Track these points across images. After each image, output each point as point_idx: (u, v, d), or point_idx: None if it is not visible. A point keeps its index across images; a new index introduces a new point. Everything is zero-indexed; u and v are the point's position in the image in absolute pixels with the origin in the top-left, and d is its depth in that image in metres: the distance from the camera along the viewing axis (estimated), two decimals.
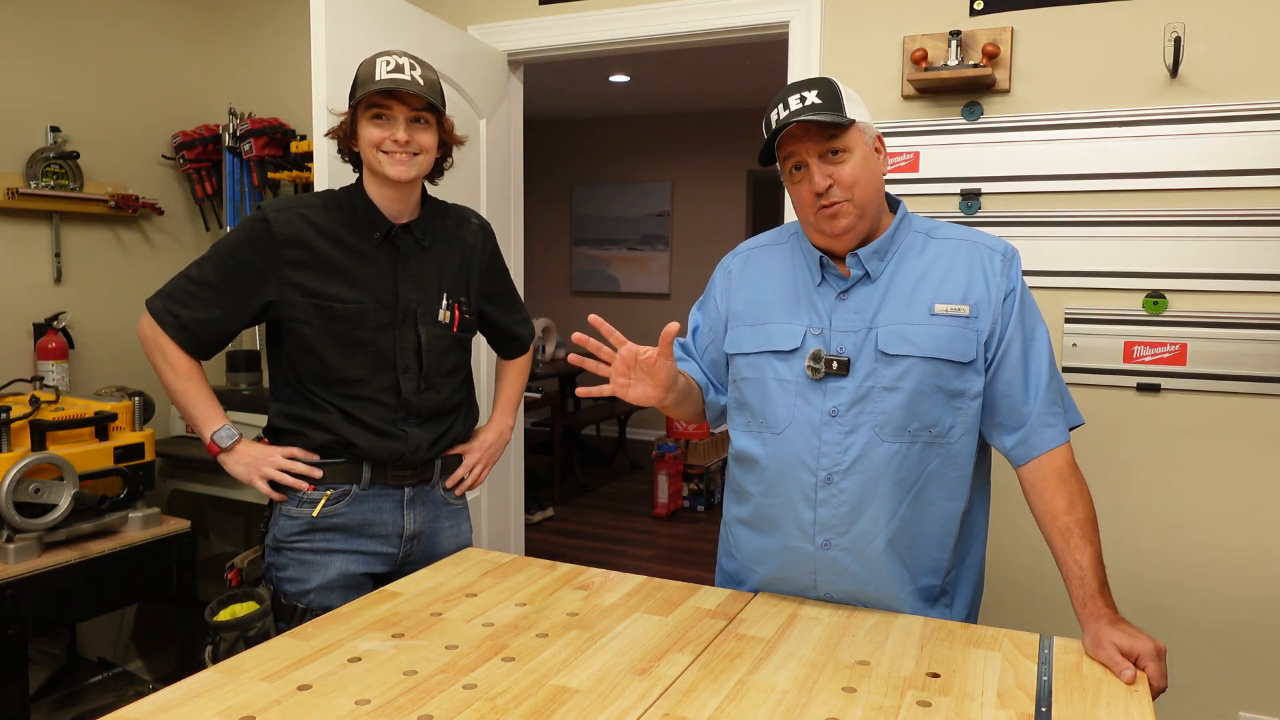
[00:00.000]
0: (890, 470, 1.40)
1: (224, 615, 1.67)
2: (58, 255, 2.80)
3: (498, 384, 2.06)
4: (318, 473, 1.71)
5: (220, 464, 1.74)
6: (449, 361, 1.79)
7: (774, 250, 1.57)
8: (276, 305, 1.69)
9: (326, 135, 1.76)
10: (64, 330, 2.79)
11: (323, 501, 1.71)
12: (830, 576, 1.45)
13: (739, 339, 1.53)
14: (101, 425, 2.22)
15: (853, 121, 1.38)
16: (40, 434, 2.09)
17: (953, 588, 1.50)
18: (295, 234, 1.67)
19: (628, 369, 1.39)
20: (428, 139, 1.69)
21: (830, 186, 1.38)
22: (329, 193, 1.78)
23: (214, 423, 1.73)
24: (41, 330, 2.74)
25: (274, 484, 1.71)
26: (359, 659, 1.23)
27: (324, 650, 1.26)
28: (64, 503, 2.08)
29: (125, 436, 2.27)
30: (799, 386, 1.44)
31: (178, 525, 2.37)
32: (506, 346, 2.03)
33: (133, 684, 2.72)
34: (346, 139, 1.71)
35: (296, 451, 1.72)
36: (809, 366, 1.42)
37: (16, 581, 2.01)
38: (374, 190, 1.72)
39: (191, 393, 1.72)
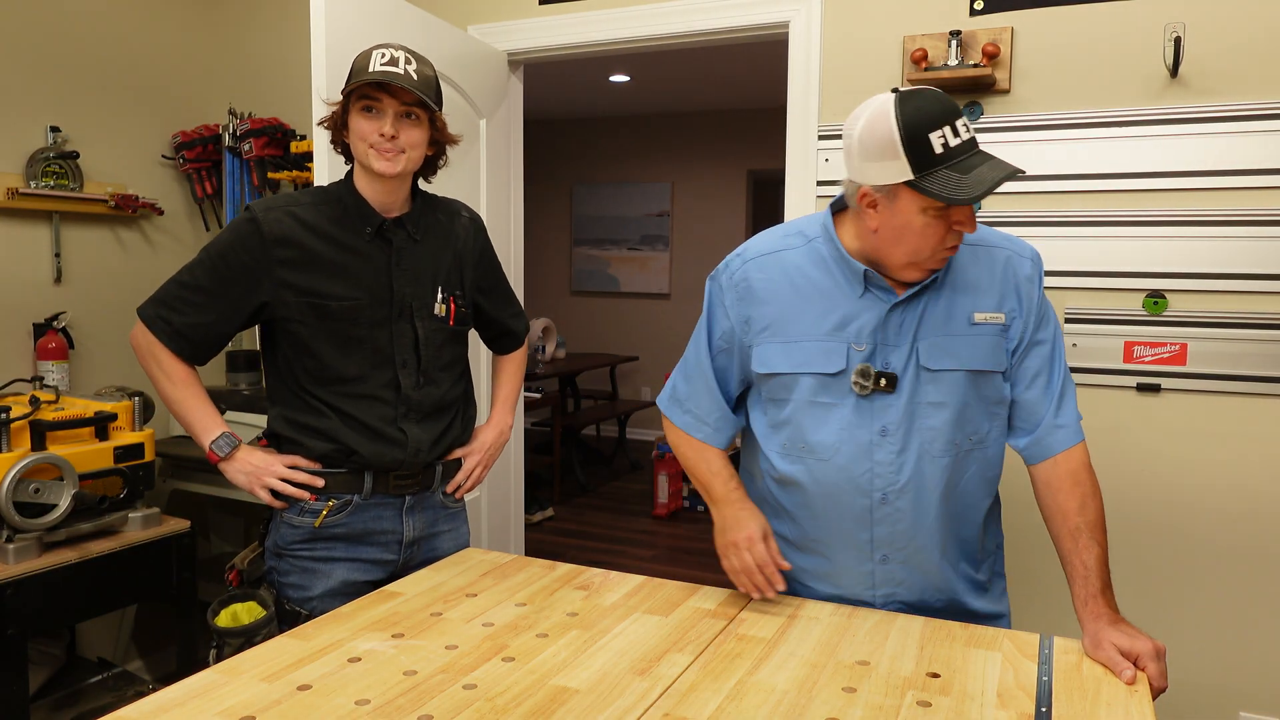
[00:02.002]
0: (941, 482, 1.40)
1: (224, 616, 1.66)
2: (58, 255, 2.80)
3: (494, 381, 2.03)
4: (320, 482, 1.69)
5: (221, 471, 1.72)
6: (447, 355, 1.77)
7: (789, 256, 1.45)
8: (271, 306, 1.66)
9: (319, 124, 1.74)
10: (64, 330, 2.79)
11: (325, 512, 1.69)
12: (889, 589, 1.45)
13: (769, 358, 1.44)
14: (101, 425, 2.22)
15: None
16: (40, 434, 2.09)
17: (991, 576, 1.53)
18: (286, 233, 1.64)
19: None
20: (417, 135, 1.64)
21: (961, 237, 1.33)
22: (317, 189, 1.74)
23: (212, 431, 1.69)
24: (41, 330, 2.74)
25: (276, 492, 1.69)
26: (359, 659, 1.23)
27: (324, 650, 1.26)
28: (64, 503, 2.08)
29: (125, 436, 2.27)
30: (845, 408, 1.39)
31: (178, 525, 2.37)
32: (501, 341, 2.00)
33: (133, 684, 2.72)
34: (338, 129, 1.67)
35: (299, 460, 1.69)
36: (856, 383, 1.37)
37: (16, 581, 2.01)
38: (363, 184, 1.68)
39: (188, 400, 1.69)
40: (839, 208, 1.45)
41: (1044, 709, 1.12)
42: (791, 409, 1.43)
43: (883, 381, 1.36)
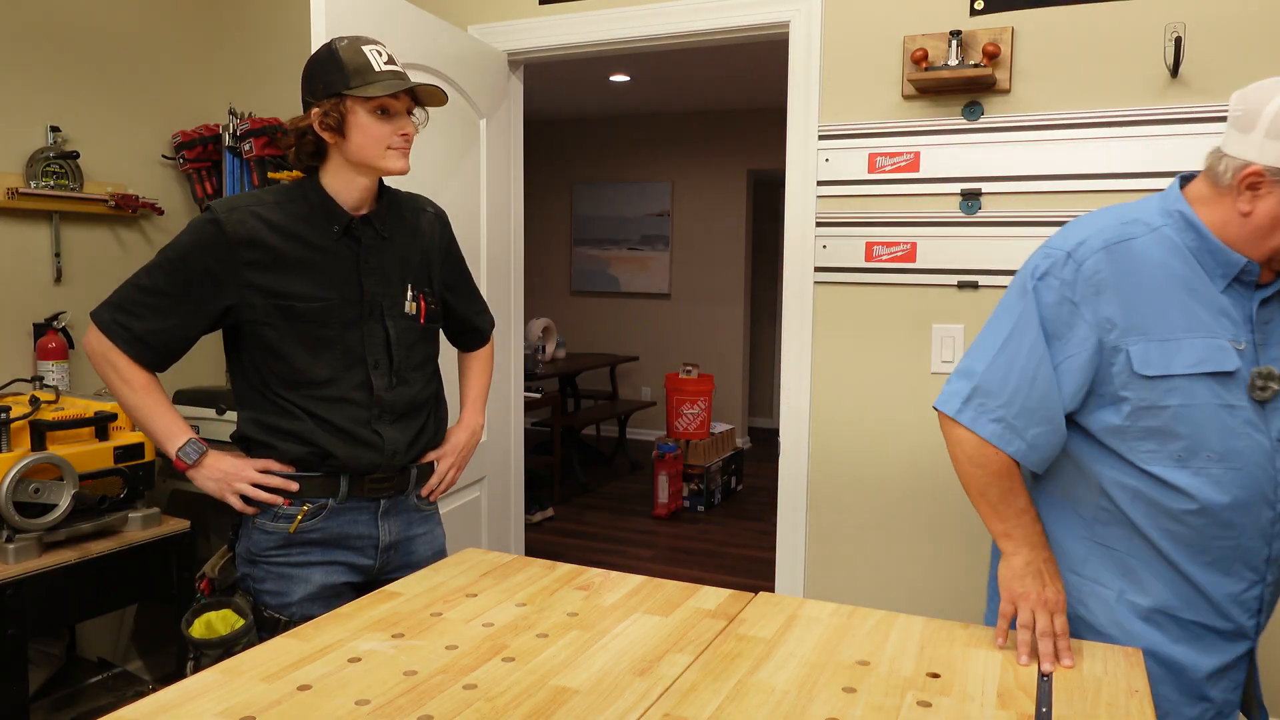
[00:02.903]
0: None
1: (199, 626, 1.62)
2: (58, 255, 2.80)
3: (462, 380, 1.99)
4: (294, 486, 1.64)
5: (190, 479, 1.66)
6: (419, 354, 1.75)
7: (1137, 245, 1.32)
8: (237, 309, 1.62)
9: (298, 123, 1.62)
10: (64, 330, 2.79)
11: (299, 517, 1.65)
12: (1264, 615, 1.40)
13: (1152, 356, 1.30)
14: (101, 425, 2.22)
15: None
16: (40, 434, 2.09)
17: None
18: (250, 234, 1.59)
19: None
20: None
21: None
22: (280, 188, 1.70)
23: (177, 438, 1.64)
24: (41, 330, 2.74)
25: (248, 498, 1.65)
26: (359, 659, 1.23)
27: (324, 650, 1.26)
28: (64, 503, 2.08)
29: (125, 436, 2.28)
30: (1246, 410, 1.30)
31: (177, 525, 2.37)
32: (466, 338, 1.97)
33: (132, 684, 2.73)
34: (335, 129, 1.59)
35: (271, 464, 1.65)
36: (1259, 386, 1.29)
37: (16, 581, 2.01)
38: (343, 181, 1.64)
39: (150, 407, 1.63)
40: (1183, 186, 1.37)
41: (1044, 709, 1.12)
42: (1187, 414, 1.30)
43: (1274, 385, 1.30)
